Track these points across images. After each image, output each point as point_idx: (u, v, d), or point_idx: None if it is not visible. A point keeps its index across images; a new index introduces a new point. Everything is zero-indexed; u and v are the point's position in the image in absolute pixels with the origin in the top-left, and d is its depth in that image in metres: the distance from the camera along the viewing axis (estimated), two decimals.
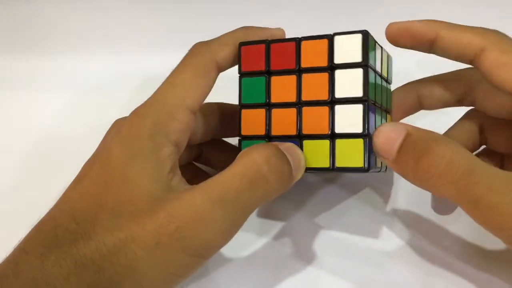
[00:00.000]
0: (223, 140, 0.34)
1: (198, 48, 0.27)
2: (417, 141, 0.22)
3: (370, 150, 0.24)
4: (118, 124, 0.28)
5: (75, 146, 0.36)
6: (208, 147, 0.33)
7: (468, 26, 0.25)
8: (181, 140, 0.26)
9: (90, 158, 0.28)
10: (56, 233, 0.23)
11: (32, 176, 0.38)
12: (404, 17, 0.26)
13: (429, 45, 0.26)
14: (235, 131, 0.32)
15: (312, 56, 0.25)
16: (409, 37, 0.26)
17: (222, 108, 0.31)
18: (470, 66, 0.25)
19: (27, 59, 0.44)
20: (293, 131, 0.26)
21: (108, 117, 0.29)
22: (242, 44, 0.27)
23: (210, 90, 0.27)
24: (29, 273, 0.22)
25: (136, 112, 0.26)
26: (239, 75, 0.27)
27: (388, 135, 0.23)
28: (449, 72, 0.28)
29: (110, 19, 0.45)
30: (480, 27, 0.25)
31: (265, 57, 0.26)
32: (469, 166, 0.21)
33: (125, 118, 0.28)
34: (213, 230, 0.22)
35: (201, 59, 0.26)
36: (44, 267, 0.22)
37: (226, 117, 0.31)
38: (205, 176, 0.33)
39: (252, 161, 0.23)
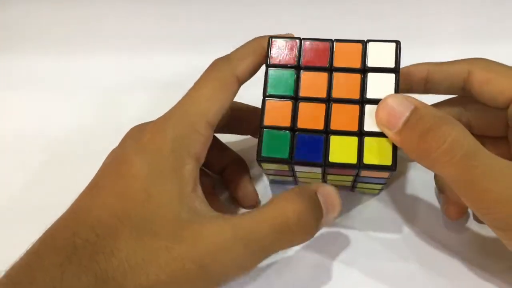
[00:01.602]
0: (223, 143, 0.33)
1: (218, 64, 0.27)
2: (424, 117, 0.23)
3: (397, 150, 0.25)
4: (136, 132, 0.27)
5: (79, 147, 0.36)
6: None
7: (454, 60, 0.28)
8: (201, 153, 0.26)
9: (106, 165, 0.26)
10: (75, 243, 0.22)
11: (38, 177, 0.36)
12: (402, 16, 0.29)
13: (423, 84, 0.28)
14: (239, 129, 0.33)
15: (345, 57, 0.26)
16: (405, 78, 0.28)
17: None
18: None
19: (34, 59, 0.43)
20: (320, 126, 0.26)
21: (113, 117, 0.30)
22: (272, 37, 0.27)
23: (229, 104, 0.27)
24: (47, 283, 0.21)
25: (156, 124, 0.26)
26: (265, 66, 0.27)
27: (395, 107, 0.23)
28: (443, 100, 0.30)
29: (118, 20, 0.45)
30: (465, 58, 0.28)
31: (296, 52, 0.27)
32: (471, 148, 0.22)
33: (142, 126, 0.27)
34: (233, 264, 0.23)
35: (222, 74, 0.27)
36: (64, 278, 0.21)
37: (232, 114, 0.30)
38: (205, 175, 0.32)
39: (284, 213, 0.24)
